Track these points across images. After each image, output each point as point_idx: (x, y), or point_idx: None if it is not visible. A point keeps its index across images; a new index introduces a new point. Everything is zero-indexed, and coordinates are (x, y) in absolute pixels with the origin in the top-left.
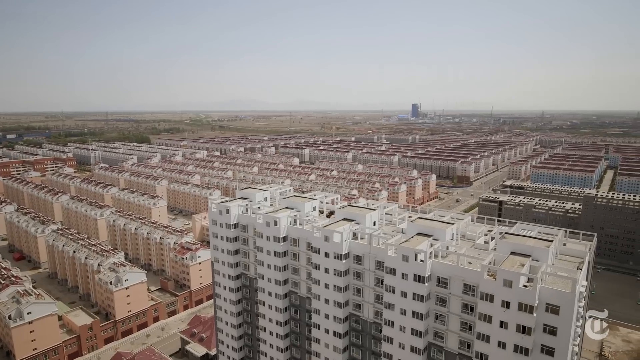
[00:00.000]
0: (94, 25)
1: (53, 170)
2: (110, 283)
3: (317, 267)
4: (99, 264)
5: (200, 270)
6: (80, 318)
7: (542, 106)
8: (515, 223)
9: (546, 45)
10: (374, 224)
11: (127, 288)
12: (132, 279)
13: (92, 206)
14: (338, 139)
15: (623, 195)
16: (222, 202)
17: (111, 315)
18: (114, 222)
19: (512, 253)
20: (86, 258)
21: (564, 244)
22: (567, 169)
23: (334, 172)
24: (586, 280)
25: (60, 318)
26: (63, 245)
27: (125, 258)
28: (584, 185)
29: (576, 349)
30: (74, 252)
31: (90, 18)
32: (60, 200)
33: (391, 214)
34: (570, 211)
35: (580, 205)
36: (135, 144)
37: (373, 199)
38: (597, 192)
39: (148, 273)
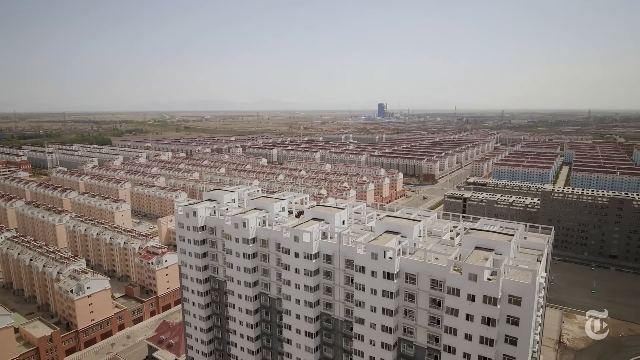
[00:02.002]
0: (47, 21)
1: (6, 174)
2: (71, 291)
3: (287, 268)
4: (58, 272)
5: (167, 274)
6: (39, 329)
7: (502, 105)
8: (479, 219)
9: (506, 49)
10: (343, 223)
11: (89, 296)
12: (95, 287)
13: (49, 211)
14: (306, 138)
15: (577, 190)
16: (188, 204)
17: (73, 325)
18: (74, 227)
19: (477, 248)
20: (44, 266)
21: (525, 238)
22: (526, 165)
23: (303, 172)
24: (545, 272)
25: (17, 330)
26: (18, 254)
27: (87, 265)
28: (542, 181)
29: (537, 337)
30: (31, 260)
31: (43, 13)
32: (15, 205)
33: (360, 213)
34: (529, 206)
35: (538, 200)
36: (95, 145)
37: (342, 198)
38: (554, 187)
39: (112, 279)
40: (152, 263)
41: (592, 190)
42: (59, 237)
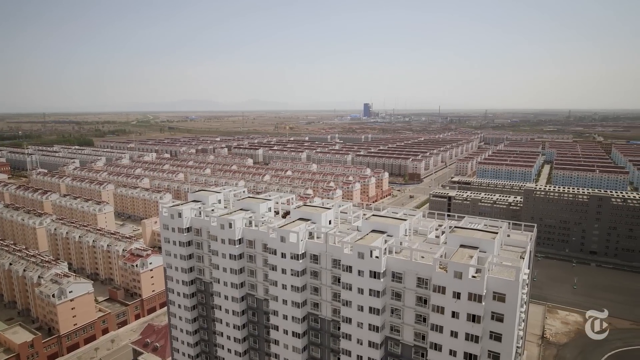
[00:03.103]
0: (25, 19)
1: None
2: (53, 296)
3: (274, 268)
4: (39, 276)
5: (152, 277)
6: (20, 335)
7: (485, 105)
8: (464, 217)
9: (486, 50)
10: (330, 223)
11: (71, 300)
12: (77, 290)
13: (29, 214)
14: (292, 139)
15: (559, 187)
16: (173, 205)
17: (55, 330)
18: (55, 230)
19: (461, 246)
20: (24, 270)
21: (508, 235)
22: (509, 164)
23: (289, 172)
24: (528, 269)
25: None
26: None
27: (69, 268)
28: (524, 180)
29: (521, 333)
30: (10, 264)
31: (25, 13)
32: None
33: (346, 213)
34: (512, 204)
35: (521, 198)
36: (77, 147)
37: (328, 198)
38: (536, 185)
39: (95, 283)
40: (136, 265)
41: (573, 188)
42: (40, 240)
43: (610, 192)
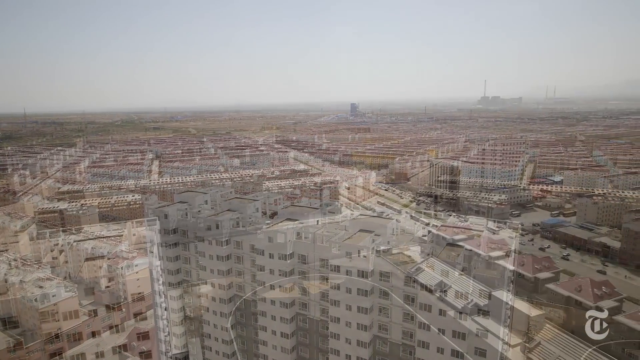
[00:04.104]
0: (3, 15)
1: None
2: (35, 300)
3: (261, 269)
4: (21, 280)
5: (137, 279)
6: (0, 341)
7: (471, 104)
8: (450, 216)
9: (464, 45)
10: (317, 223)
11: (55, 304)
12: (61, 294)
13: (10, 217)
14: (279, 138)
15: (542, 186)
16: (159, 207)
17: (37, 335)
18: (38, 233)
19: (448, 244)
20: (5, 275)
21: (493, 233)
22: (493, 163)
23: (276, 172)
24: (513, 266)
25: None
26: None
27: (53, 272)
28: (509, 178)
29: (507, 329)
30: None
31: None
32: None
33: (334, 212)
34: (497, 202)
35: (506, 196)
36: (59, 147)
37: (315, 198)
38: (521, 184)
39: (79, 286)
40: (121, 268)
41: (556, 186)
42: (21, 243)
43: (592, 190)
